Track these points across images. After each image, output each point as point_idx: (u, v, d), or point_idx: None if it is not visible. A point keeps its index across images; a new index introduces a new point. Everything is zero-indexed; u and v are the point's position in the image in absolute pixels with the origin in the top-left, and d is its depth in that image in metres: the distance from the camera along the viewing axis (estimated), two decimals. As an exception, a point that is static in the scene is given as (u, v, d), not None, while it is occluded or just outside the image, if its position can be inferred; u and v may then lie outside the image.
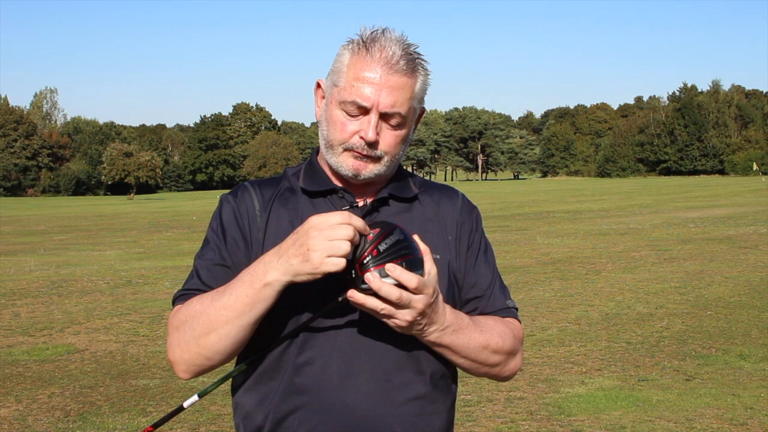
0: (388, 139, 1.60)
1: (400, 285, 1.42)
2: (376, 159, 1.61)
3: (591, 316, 8.85)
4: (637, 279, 11.52)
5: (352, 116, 1.58)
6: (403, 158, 1.70)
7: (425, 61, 1.63)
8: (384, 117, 1.58)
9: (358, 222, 1.41)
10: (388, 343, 1.56)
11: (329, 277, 1.43)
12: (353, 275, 1.43)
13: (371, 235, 1.43)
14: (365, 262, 1.41)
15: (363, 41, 1.59)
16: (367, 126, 1.57)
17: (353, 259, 1.42)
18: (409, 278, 1.42)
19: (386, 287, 1.41)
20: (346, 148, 1.60)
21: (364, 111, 1.57)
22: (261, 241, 1.62)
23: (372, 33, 1.60)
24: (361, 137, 1.58)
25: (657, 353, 7.05)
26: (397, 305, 1.43)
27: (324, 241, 1.39)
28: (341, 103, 1.59)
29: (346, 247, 1.39)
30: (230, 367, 1.66)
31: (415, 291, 1.43)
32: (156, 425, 1.69)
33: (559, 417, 5.36)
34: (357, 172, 1.61)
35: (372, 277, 1.40)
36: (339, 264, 1.40)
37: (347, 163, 1.61)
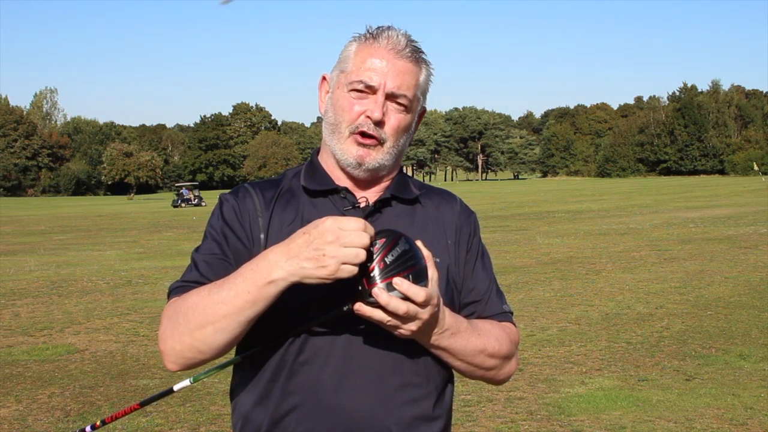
0: (393, 121, 1.63)
1: (406, 297, 1.41)
2: (381, 144, 1.62)
3: (591, 316, 8.85)
4: (637, 279, 11.52)
5: (360, 98, 1.61)
6: (404, 153, 1.71)
7: (428, 59, 1.69)
8: (390, 98, 1.62)
9: (372, 230, 1.41)
10: (386, 345, 1.56)
11: (335, 281, 1.43)
12: (360, 288, 1.42)
13: (377, 245, 1.42)
14: (372, 275, 1.40)
15: (370, 33, 1.65)
16: (374, 105, 1.60)
17: (360, 272, 1.41)
18: (417, 292, 1.41)
19: (394, 302, 1.40)
20: (353, 131, 1.62)
21: (372, 91, 1.61)
22: (262, 242, 1.61)
23: (378, 27, 1.66)
24: (368, 116, 1.60)
25: (657, 353, 7.05)
26: (404, 319, 1.43)
27: (340, 247, 1.38)
28: (349, 84, 1.62)
29: (362, 256, 1.38)
30: (224, 359, 1.65)
31: (422, 305, 1.43)
32: (143, 404, 1.69)
33: (559, 417, 5.35)
34: (361, 160, 1.62)
35: (379, 292, 1.39)
36: (353, 271, 1.39)
37: (351, 151, 1.62)
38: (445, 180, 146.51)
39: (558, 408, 5.55)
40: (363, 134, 1.61)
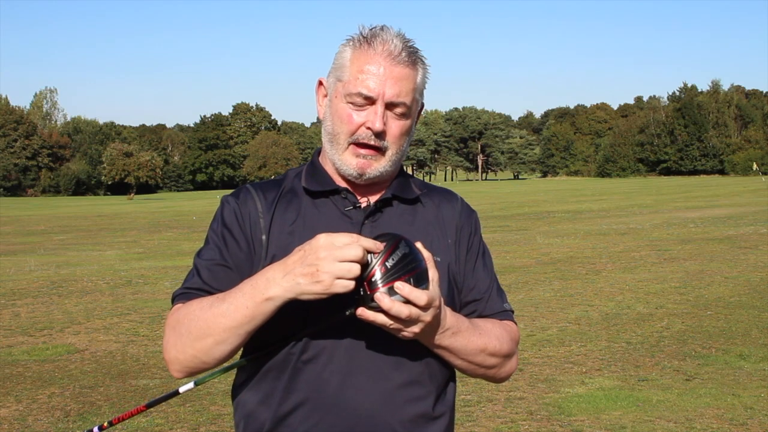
0: (394, 129, 1.62)
1: (408, 301, 1.42)
2: (382, 153, 1.62)
3: (591, 316, 8.85)
4: (637, 279, 11.52)
5: (358, 108, 1.60)
6: (405, 156, 1.71)
7: (424, 56, 1.67)
8: (389, 107, 1.61)
9: (367, 242, 1.41)
10: (389, 344, 1.56)
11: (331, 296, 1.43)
12: (362, 293, 1.42)
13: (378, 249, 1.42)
14: (373, 280, 1.41)
15: (363, 37, 1.62)
16: (374, 116, 1.59)
17: (361, 277, 1.41)
18: (419, 296, 1.42)
19: (396, 306, 1.41)
20: (352, 141, 1.61)
21: (370, 101, 1.59)
22: (264, 243, 1.61)
23: (371, 29, 1.63)
24: (368, 127, 1.59)
25: (657, 353, 7.05)
26: (407, 322, 1.44)
27: (333, 262, 1.38)
28: (347, 96, 1.61)
29: (356, 270, 1.39)
30: (228, 362, 1.66)
31: (423, 308, 1.43)
32: (149, 405, 1.71)
33: (559, 417, 5.36)
34: (362, 171, 1.62)
35: (381, 297, 1.40)
36: (348, 286, 1.40)
37: (351, 162, 1.62)
38: (445, 180, 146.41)
39: (558, 408, 5.55)
40: (363, 145, 1.61)
